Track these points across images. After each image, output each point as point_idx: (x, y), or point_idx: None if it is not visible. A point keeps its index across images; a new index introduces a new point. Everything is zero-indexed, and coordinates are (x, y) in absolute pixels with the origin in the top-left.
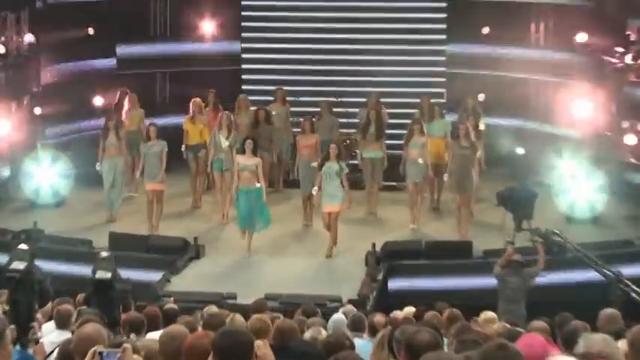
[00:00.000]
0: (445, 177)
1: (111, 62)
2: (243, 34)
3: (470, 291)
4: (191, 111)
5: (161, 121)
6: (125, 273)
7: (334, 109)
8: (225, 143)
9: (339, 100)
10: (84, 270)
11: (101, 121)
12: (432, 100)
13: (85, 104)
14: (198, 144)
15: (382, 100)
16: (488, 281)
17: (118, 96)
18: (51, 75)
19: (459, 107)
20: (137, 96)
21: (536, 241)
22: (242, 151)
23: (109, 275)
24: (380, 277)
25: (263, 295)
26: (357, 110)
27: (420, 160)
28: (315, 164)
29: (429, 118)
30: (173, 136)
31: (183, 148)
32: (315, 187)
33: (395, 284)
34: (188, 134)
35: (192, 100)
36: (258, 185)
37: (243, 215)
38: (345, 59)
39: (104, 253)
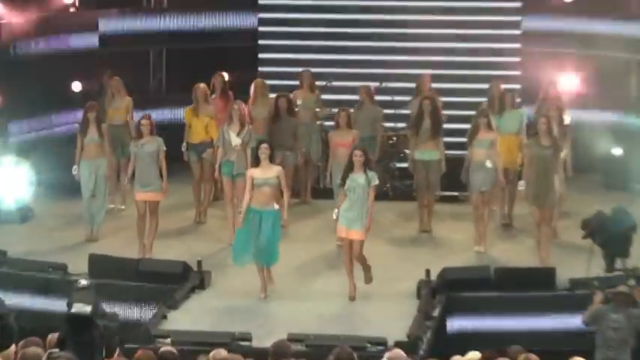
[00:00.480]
0: (520, 185)
1: (92, 39)
2: (261, 2)
3: (552, 332)
4: (194, 100)
5: (156, 112)
6: (110, 307)
7: (377, 98)
8: (236, 141)
9: (384, 85)
10: (57, 303)
11: (79, 113)
12: (504, 86)
13: (59, 92)
14: (202, 142)
15: (437, 85)
16: (577, 320)
17: (101, 81)
18: (16, 54)
19: (538, 95)
20: (125, 81)
21: (633, 286)
22: (255, 160)
23: (88, 309)
24: (436, 313)
25: (285, 335)
26: (407, 99)
27: (488, 164)
28: None
29: (500, 108)
30: (171, 132)
31: (183, 147)
32: (337, 210)
33: (455, 323)
34: (190, 129)
35: (196, 86)
36: (276, 207)
37: (244, 242)
38: (390, 33)
39: (83, 282)
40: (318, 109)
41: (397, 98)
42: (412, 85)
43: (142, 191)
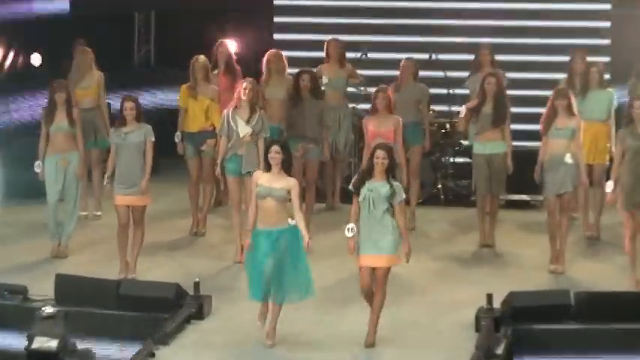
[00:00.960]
0: (608, 186)
1: (61, 2)
2: None
3: None
4: (191, 77)
5: (142, 93)
6: (82, 342)
7: (424, 73)
8: (245, 130)
9: (434, 57)
10: (14, 337)
11: (43, 95)
12: (590, 59)
13: (19, 68)
14: (201, 131)
15: (502, 57)
16: None
17: (72, 55)
18: None
19: (631, 72)
20: (103, 54)
21: None
22: (266, 163)
23: (54, 345)
24: (500, 350)
25: None
26: (463, 75)
27: (569, 159)
28: None
29: (583, 88)
30: (161, 118)
31: (177, 137)
32: (351, 225)
33: None
34: (186, 114)
35: (194, 59)
36: (292, 222)
37: (258, 275)
38: None
39: (47, 310)
40: (354, 82)
41: (451, 74)
42: (470, 57)
43: (124, 194)
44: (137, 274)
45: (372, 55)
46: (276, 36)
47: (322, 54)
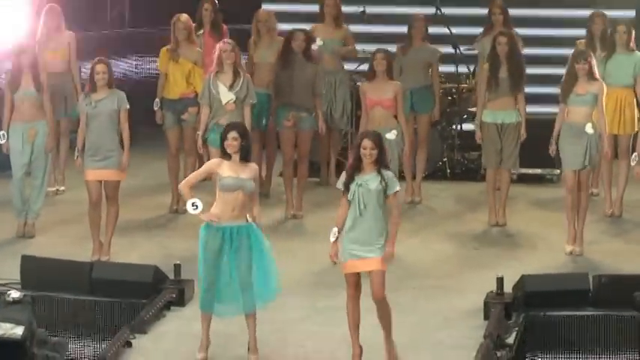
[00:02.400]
0: (634, 159)
1: None
2: None
3: None
4: (172, 38)
5: (116, 57)
6: (51, 330)
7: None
8: (228, 96)
9: (440, 13)
10: None
11: (7, 60)
12: (614, 14)
13: None
14: (182, 97)
15: (516, 12)
16: None
17: (40, 15)
18: None
19: None
20: (72, 13)
21: None
22: (223, 151)
23: (19, 332)
24: (511, 339)
25: None
26: (472, 31)
27: (589, 129)
28: (393, 135)
29: (607, 49)
30: (138, 85)
31: (156, 104)
32: (335, 229)
33: (538, 351)
34: (166, 80)
35: (175, 17)
36: (249, 220)
37: (209, 281)
38: None
39: (13, 294)
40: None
41: (457, 31)
42: (481, 11)
43: (95, 167)
44: (111, 255)
45: (370, 10)
46: None
47: (315, 9)
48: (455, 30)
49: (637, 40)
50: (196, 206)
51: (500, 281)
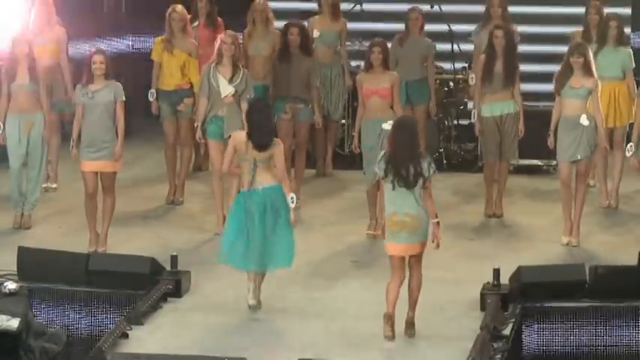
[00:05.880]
0: (629, 150)
1: None
2: None
3: None
4: (167, 29)
5: (112, 46)
6: (49, 320)
7: (427, 27)
8: (227, 89)
9: (435, 7)
10: None
11: (3, 49)
12: (607, 11)
13: None
14: (178, 89)
15: (515, 9)
16: None
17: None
18: None
19: None
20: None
21: None
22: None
23: (15, 324)
24: (507, 330)
25: None
26: (468, 28)
27: (585, 121)
28: (389, 125)
29: (600, 42)
30: (132, 75)
31: (151, 95)
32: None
33: (535, 342)
34: (161, 71)
35: (170, 8)
36: (275, 183)
37: (233, 238)
38: None
39: (10, 285)
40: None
41: (456, 28)
42: (478, 7)
43: (91, 159)
44: (108, 247)
45: (367, 7)
46: None
47: (312, 6)
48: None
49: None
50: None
51: (496, 272)
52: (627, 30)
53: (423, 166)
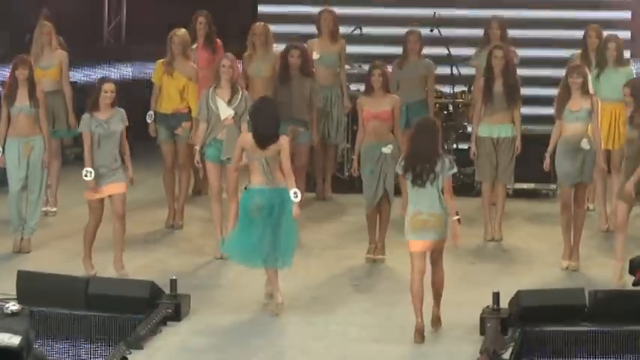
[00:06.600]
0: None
1: None
2: None
3: None
4: (168, 51)
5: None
6: (48, 344)
7: (426, 50)
8: (227, 112)
9: (435, 31)
10: None
11: (4, 71)
12: (607, 34)
13: None
14: (176, 112)
15: (515, 32)
16: None
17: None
18: None
19: None
20: (67, 28)
21: None
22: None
23: (17, 342)
24: (507, 355)
25: None
26: (468, 52)
27: (585, 144)
28: (389, 149)
29: (599, 65)
30: (129, 98)
31: (149, 117)
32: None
33: None
34: (160, 93)
35: (173, 32)
36: (284, 186)
37: (245, 232)
38: None
39: (12, 306)
40: (345, 67)
41: (455, 51)
42: (478, 31)
43: (103, 185)
44: (108, 270)
45: (366, 30)
46: (261, 8)
47: (310, 29)
48: (452, 51)
49: (634, 18)
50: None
51: (496, 296)
52: (626, 53)
53: (442, 165)
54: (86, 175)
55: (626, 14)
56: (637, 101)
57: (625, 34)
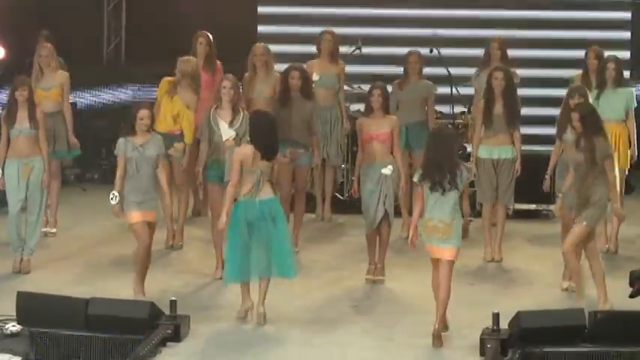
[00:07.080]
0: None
1: None
2: None
3: None
4: (178, 73)
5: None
6: None
7: (426, 71)
8: (228, 133)
9: (436, 52)
10: None
11: (3, 92)
12: (607, 54)
13: None
14: (169, 133)
15: (515, 53)
16: None
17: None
18: None
19: None
20: (66, 48)
21: None
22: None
23: None
24: None
25: None
26: (468, 72)
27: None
28: (388, 170)
29: (599, 86)
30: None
31: (113, 199)
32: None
33: None
34: (158, 111)
35: (185, 59)
36: (273, 196)
37: (239, 247)
38: None
39: (12, 327)
40: (344, 88)
41: (455, 71)
42: (478, 51)
43: (141, 209)
44: (106, 292)
45: (366, 50)
46: (261, 28)
47: (310, 49)
48: (452, 71)
49: (633, 39)
50: None
51: (496, 317)
52: (626, 73)
53: (461, 176)
54: (112, 199)
55: (626, 34)
56: (584, 126)
57: (625, 54)
